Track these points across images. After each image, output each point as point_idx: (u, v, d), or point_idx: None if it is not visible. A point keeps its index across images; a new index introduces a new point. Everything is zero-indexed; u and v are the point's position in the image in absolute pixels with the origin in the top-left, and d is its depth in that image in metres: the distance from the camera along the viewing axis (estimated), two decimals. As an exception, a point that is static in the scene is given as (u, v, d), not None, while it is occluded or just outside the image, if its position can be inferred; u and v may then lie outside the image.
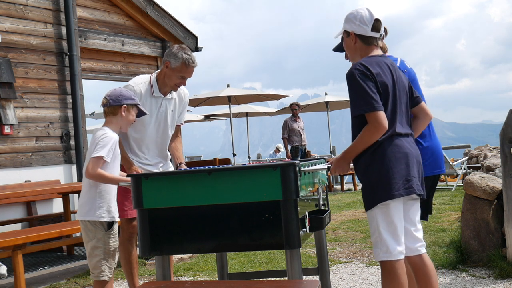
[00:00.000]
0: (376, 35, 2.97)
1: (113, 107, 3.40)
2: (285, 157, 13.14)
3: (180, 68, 3.96)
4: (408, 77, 3.31)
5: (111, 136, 3.33)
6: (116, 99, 3.40)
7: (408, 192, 2.83)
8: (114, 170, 3.42)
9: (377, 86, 2.81)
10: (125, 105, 3.40)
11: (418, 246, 3.03)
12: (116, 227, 3.42)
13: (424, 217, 3.37)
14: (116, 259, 3.45)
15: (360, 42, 2.98)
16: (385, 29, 3.29)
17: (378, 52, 3.00)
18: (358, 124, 2.86)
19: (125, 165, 3.96)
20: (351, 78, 2.83)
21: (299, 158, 10.29)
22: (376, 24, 2.94)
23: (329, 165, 3.08)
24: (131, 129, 4.03)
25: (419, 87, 3.45)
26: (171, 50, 4.00)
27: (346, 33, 3.02)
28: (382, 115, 2.77)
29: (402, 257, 2.88)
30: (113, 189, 3.40)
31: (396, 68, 3.01)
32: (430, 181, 3.38)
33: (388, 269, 2.87)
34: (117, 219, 3.45)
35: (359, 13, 2.95)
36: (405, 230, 2.97)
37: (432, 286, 3.00)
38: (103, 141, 3.29)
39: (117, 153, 3.43)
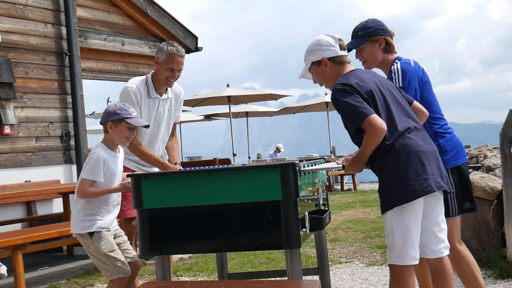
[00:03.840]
0: (345, 53, 3.02)
1: (103, 124, 3.50)
2: (285, 157, 13.09)
3: (167, 60, 3.99)
4: (424, 79, 3.32)
5: (98, 156, 3.39)
6: (103, 117, 3.48)
7: (426, 191, 2.78)
8: (111, 184, 3.46)
9: (361, 95, 2.80)
10: (110, 122, 3.44)
11: (441, 248, 2.95)
12: (100, 232, 3.41)
13: (473, 208, 3.33)
14: (121, 255, 3.42)
15: (334, 64, 3.00)
16: (391, 31, 3.36)
17: (351, 67, 3.03)
18: (361, 137, 2.84)
19: (160, 167, 4.01)
20: (335, 100, 2.86)
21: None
22: (341, 44, 3.01)
23: (344, 164, 3.04)
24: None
25: (432, 89, 3.41)
26: (159, 47, 4.09)
27: (317, 64, 3.02)
28: (375, 117, 2.74)
29: (415, 262, 2.83)
30: (97, 200, 3.42)
31: (373, 73, 3.05)
32: (457, 171, 3.28)
33: (397, 274, 2.83)
34: (108, 228, 3.44)
35: (322, 39, 3.01)
36: (428, 231, 2.93)
37: None
38: (90, 162, 3.38)
39: (111, 170, 3.44)
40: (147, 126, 3.64)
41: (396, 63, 3.31)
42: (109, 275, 3.41)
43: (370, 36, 3.31)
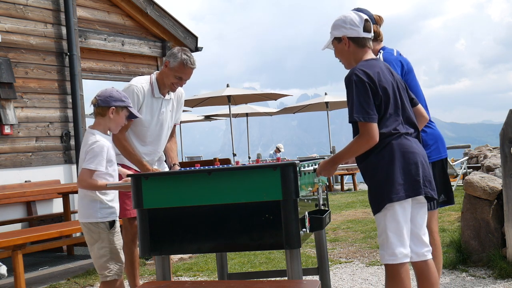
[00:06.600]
0: (368, 35, 2.92)
1: (101, 108, 3.31)
2: (285, 157, 13.08)
3: (178, 68, 3.98)
4: (407, 67, 3.39)
5: (102, 145, 3.25)
6: (105, 100, 3.30)
7: (417, 192, 2.80)
8: (112, 175, 3.40)
9: (377, 90, 2.77)
10: (114, 107, 3.31)
11: (425, 251, 2.98)
12: (117, 225, 3.41)
13: (450, 201, 3.45)
14: (123, 258, 3.42)
15: (354, 45, 2.91)
16: (379, 17, 3.33)
17: (371, 55, 2.96)
18: (356, 128, 2.85)
19: (140, 168, 3.97)
20: (350, 84, 2.79)
21: None
22: (367, 25, 2.90)
23: (315, 167, 3.07)
24: (132, 131, 4.07)
25: (416, 78, 3.51)
26: (172, 50, 4.04)
27: (337, 40, 2.95)
28: (375, 127, 2.74)
29: (407, 260, 2.85)
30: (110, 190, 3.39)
31: (392, 70, 3.00)
32: (439, 165, 3.41)
33: (392, 273, 2.84)
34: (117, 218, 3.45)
35: (348, 17, 2.91)
36: (413, 234, 2.95)
37: None
38: (94, 151, 3.23)
39: (111, 157, 3.36)
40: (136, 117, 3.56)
41: (380, 53, 3.41)
42: (107, 275, 3.29)
43: None
